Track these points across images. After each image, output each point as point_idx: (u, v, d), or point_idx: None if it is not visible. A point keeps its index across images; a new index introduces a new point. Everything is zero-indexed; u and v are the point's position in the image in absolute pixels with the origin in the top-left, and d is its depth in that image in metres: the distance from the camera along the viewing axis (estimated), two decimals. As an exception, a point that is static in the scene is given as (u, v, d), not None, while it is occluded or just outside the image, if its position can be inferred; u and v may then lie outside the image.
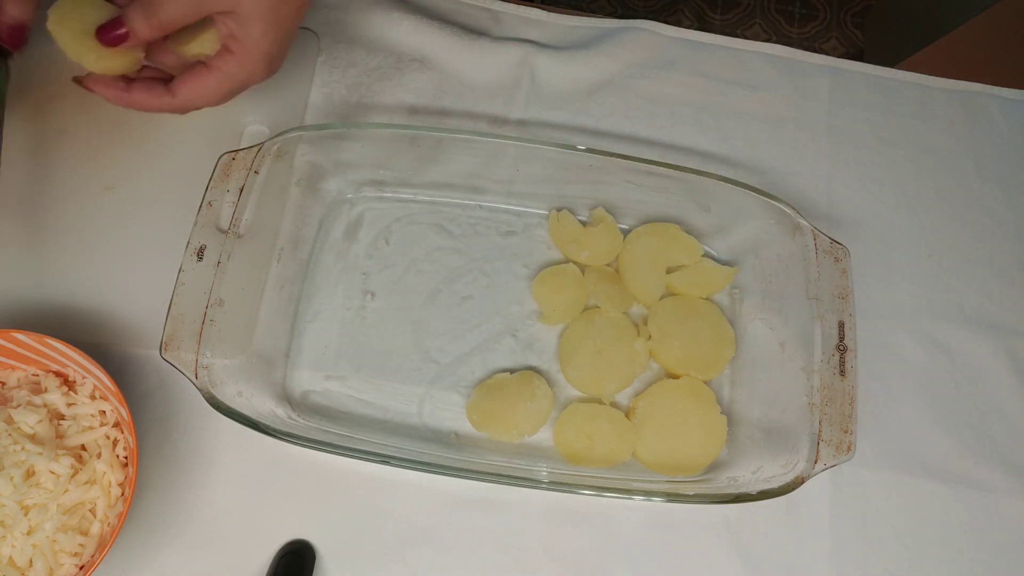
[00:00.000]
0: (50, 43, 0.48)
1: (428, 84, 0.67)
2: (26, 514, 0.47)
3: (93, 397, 0.52)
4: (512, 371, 0.58)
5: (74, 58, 0.48)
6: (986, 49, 1.27)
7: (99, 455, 0.50)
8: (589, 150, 0.56)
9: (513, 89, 0.67)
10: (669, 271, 0.61)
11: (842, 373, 0.51)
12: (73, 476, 0.48)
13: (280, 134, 0.55)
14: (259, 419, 0.49)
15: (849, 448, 0.49)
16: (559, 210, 0.62)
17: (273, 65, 0.51)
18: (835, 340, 0.51)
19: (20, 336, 0.51)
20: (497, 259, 0.62)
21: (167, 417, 0.56)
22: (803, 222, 0.55)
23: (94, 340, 0.57)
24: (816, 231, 0.54)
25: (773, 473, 0.50)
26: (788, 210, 0.55)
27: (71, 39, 0.47)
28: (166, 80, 0.50)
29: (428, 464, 0.49)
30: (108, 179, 0.62)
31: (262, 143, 0.54)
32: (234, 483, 0.55)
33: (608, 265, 0.61)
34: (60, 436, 0.50)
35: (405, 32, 0.68)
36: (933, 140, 0.69)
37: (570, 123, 0.67)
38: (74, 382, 0.53)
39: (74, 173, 0.61)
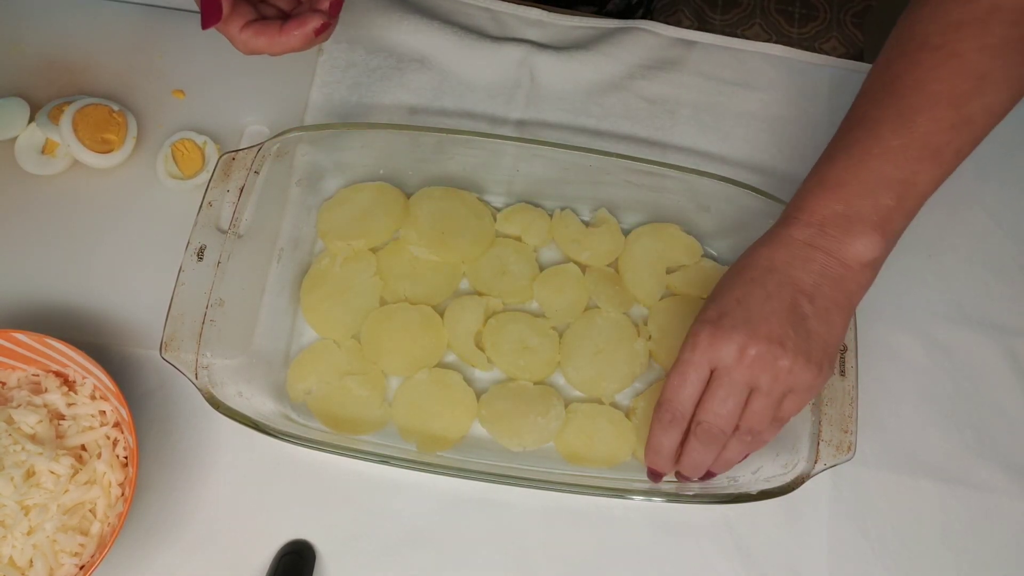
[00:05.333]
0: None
1: (428, 84, 0.67)
2: (26, 514, 0.47)
3: (93, 397, 0.52)
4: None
5: None
6: (986, 49, 1.26)
7: (99, 455, 0.50)
8: (589, 150, 0.56)
9: (513, 89, 0.67)
10: (669, 271, 0.61)
11: (842, 373, 0.51)
12: (73, 476, 0.48)
13: (280, 134, 0.55)
14: (259, 419, 0.49)
15: (849, 448, 0.49)
16: (561, 210, 0.62)
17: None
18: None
19: (20, 336, 0.51)
20: (497, 259, 0.62)
21: (167, 417, 0.56)
22: (803, 222, 0.55)
23: (94, 340, 0.57)
24: (816, 231, 0.54)
25: (773, 473, 0.50)
26: (788, 210, 0.55)
27: None
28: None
29: (428, 464, 0.50)
30: (108, 178, 0.62)
31: (262, 143, 0.54)
32: (234, 483, 0.55)
33: (608, 265, 0.61)
34: (60, 436, 0.50)
35: (405, 32, 0.68)
36: (933, 140, 0.69)
37: (570, 123, 0.67)
38: (74, 382, 0.53)
39: (75, 173, 0.61)
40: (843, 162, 0.46)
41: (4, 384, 0.53)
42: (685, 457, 0.48)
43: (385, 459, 0.49)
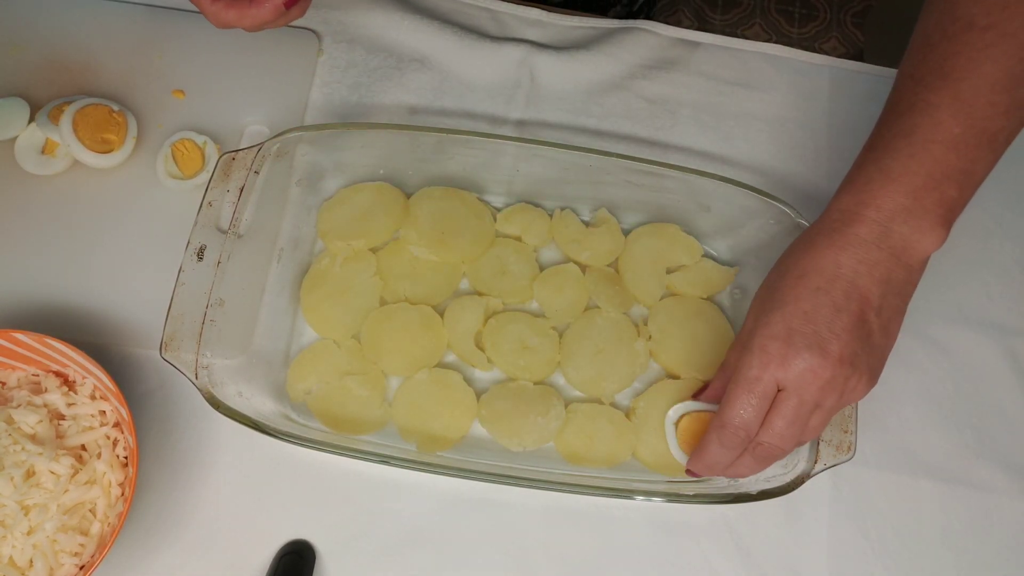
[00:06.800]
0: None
1: (428, 84, 0.67)
2: (26, 514, 0.47)
3: (93, 397, 0.52)
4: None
5: None
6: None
7: (99, 455, 0.50)
8: (589, 150, 0.56)
9: (513, 89, 0.67)
10: (669, 271, 0.61)
11: (842, 373, 0.51)
12: (73, 476, 0.48)
13: (280, 134, 0.55)
14: (259, 419, 0.49)
15: (849, 448, 0.49)
16: (561, 210, 0.62)
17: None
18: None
19: (20, 336, 0.51)
20: (497, 259, 0.62)
21: (167, 417, 0.56)
22: (803, 222, 0.55)
23: (94, 340, 0.57)
24: (816, 231, 0.54)
25: (773, 473, 0.50)
26: (788, 210, 0.55)
27: None
28: None
29: (428, 464, 0.49)
30: (108, 178, 0.62)
31: (262, 143, 0.54)
32: (234, 483, 0.55)
33: (608, 265, 0.61)
34: (60, 436, 0.50)
35: (405, 32, 0.68)
36: (933, 140, 0.69)
37: (570, 123, 0.67)
38: (74, 382, 0.53)
39: (75, 173, 0.61)
40: (904, 150, 0.44)
41: (4, 384, 0.53)
42: (734, 469, 0.47)
43: (385, 459, 0.49)
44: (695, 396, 0.53)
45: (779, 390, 0.43)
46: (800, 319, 0.43)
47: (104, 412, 0.52)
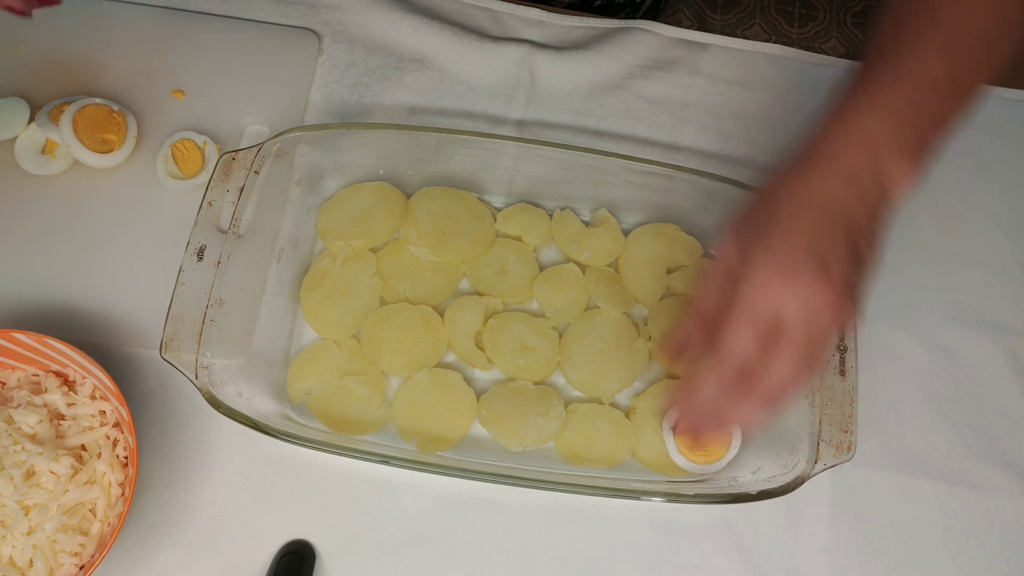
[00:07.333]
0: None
1: (428, 84, 0.67)
2: (26, 514, 0.47)
3: (93, 397, 0.52)
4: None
5: None
6: (986, 49, 1.26)
7: (99, 455, 0.50)
8: (589, 150, 0.57)
9: (513, 89, 0.67)
10: (669, 271, 0.61)
11: (842, 373, 0.51)
12: (73, 476, 0.48)
13: (280, 134, 0.55)
14: (259, 419, 0.49)
15: (849, 448, 0.49)
16: (561, 210, 0.62)
17: None
18: (835, 340, 0.51)
19: (20, 336, 0.51)
20: (497, 259, 0.62)
21: (167, 417, 0.56)
22: (803, 222, 0.55)
23: (94, 340, 0.57)
24: (816, 231, 0.54)
25: (773, 473, 0.50)
26: (788, 210, 0.55)
27: None
28: None
29: (428, 464, 0.49)
30: (108, 178, 0.62)
31: (262, 143, 0.54)
32: (234, 483, 0.55)
33: (608, 265, 0.61)
34: (60, 436, 0.50)
35: (405, 32, 0.68)
36: (933, 140, 0.69)
37: (570, 123, 0.67)
38: (74, 382, 0.53)
39: (75, 173, 0.61)
40: (892, 85, 0.45)
41: (4, 384, 0.53)
42: (732, 413, 0.42)
43: (385, 459, 0.49)
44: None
45: (778, 322, 0.41)
46: (803, 248, 0.41)
47: (104, 412, 0.52)
